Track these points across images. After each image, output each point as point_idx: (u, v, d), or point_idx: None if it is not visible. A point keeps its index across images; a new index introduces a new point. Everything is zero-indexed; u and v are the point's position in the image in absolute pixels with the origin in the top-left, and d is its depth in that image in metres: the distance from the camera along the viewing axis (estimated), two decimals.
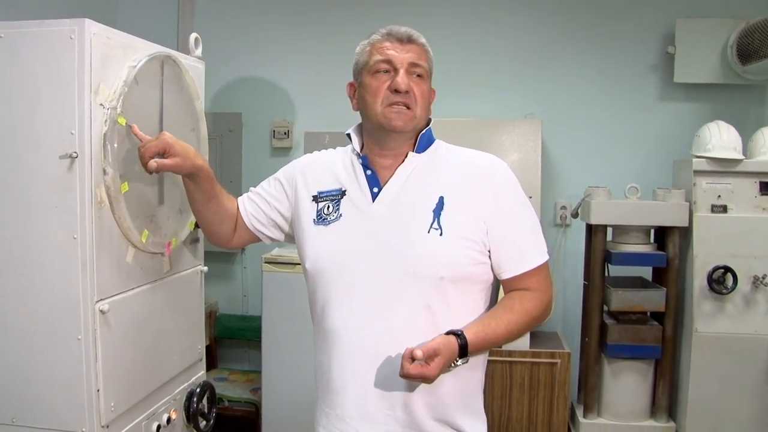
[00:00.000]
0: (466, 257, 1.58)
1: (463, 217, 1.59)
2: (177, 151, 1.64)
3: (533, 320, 1.63)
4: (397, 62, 1.61)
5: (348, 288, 1.60)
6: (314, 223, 1.68)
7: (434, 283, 1.56)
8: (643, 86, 3.72)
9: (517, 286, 1.64)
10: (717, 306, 3.13)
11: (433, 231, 1.57)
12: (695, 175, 3.20)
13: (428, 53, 1.66)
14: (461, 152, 1.72)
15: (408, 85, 1.59)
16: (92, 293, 1.76)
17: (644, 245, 3.28)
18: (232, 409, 3.60)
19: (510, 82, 3.80)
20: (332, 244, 1.64)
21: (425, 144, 1.69)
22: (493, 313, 1.61)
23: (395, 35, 1.64)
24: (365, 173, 1.68)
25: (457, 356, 1.51)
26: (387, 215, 1.61)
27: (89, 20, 1.71)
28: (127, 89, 1.81)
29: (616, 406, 3.30)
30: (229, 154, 3.96)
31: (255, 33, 3.99)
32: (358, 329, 1.58)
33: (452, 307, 1.58)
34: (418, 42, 1.64)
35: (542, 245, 1.66)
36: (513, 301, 1.62)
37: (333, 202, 1.68)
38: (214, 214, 1.79)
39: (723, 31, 3.46)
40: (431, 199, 1.60)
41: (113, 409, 1.83)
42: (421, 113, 1.62)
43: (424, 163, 1.67)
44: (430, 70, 1.66)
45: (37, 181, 1.74)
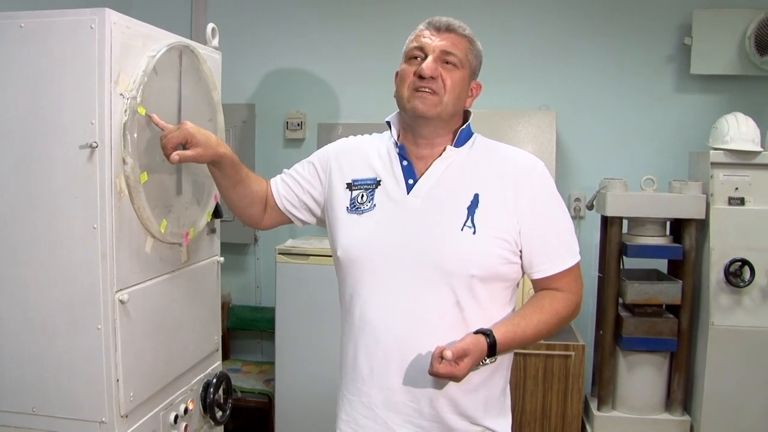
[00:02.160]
0: (498, 257, 1.57)
1: (497, 216, 1.58)
2: (199, 141, 1.64)
3: (562, 321, 1.63)
4: (428, 49, 1.60)
5: (378, 279, 1.61)
6: (347, 211, 1.68)
7: (464, 281, 1.56)
8: (659, 78, 3.69)
9: (548, 286, 1.64)
10: (734, 299, 3.11)
11: (467, 229, 1.56)
12: (712, 167, 3.17)
13: (470, 43, 1.64)
14: (499, 148, 1.71)
15: (434, 70, 1.58)
16: (112, 283, 1.76)
17: (660, 237, 3.26)
18: (246, 400, 3.61)
19: (525, 74, 3.78)
20: (365, 235, 1.63)
21: (464, 139, 1.68)
22: (523, 313, 1.60)
23: (434, 24, 1.64)
24: (401, 163, 1.67)
25: (485, 355, 1.52)
26: (421, 209, 1.61)
27: (109, 10, 1.71)
28: (146, 79, 1.81)
29: (631, 399, 3.29)
30: (242, 145, 3.96)
31: (269, 24, 3.98)
32: (387, 321, 1.59)
33: (481, 304, 1.58)
34: (458, 32, 1.63)
35: (575, 246, 1.66)
36: (543, 302, 1.62)
37: (367, 192, 1.67)
38: (241, 198, 1.79)
39: (741, 22, 3.41)
40: (466, 196, 1.60)
41: (132, 399, 1.84)
42: (449, 101, 1.60)
43: (462, 158, 1.65)
44: (468, 60, 1.64)
45: (57, 171, 1.74)
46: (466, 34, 1.65)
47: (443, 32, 1.62)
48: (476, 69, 1.68)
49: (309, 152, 4.02)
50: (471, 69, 1.65)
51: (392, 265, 1.59)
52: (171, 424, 2.04)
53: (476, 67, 1.68)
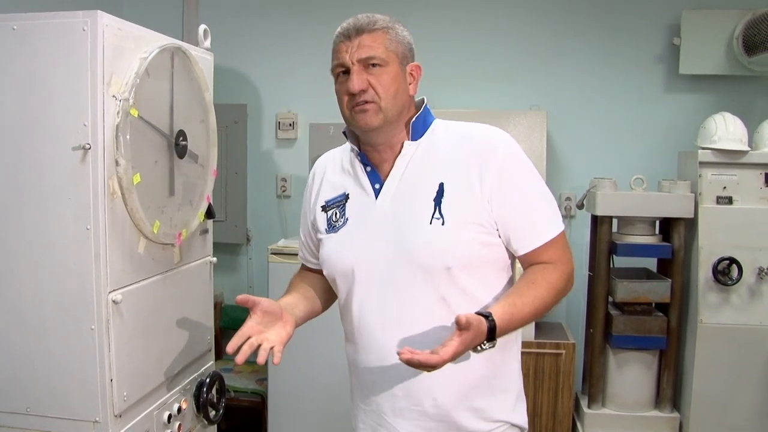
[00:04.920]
0: (473, 242, 1.53)
1: (464, 201, 1.53)
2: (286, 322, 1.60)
3: (558, 293, 1.55)
4: (346, 62, 1.55)
5: (363, 289, 1.59)
6: (326, 233, 1.67)
7: (443, 274, 1.52)
8: (648, 78, 3.72)
9: (535, 261, 1.57)
10: (722, 297, 3.15)
11: (435, 221, 1.53)
12: (701, 167, 3.20)
13: (386, 33, 1.56)
14: (459, 129, 1.64)
15: (362, 83, 1.52)
16: (105, 284, 1.77)
17: (649, 236, 3.29)
18: (239, 399, 3.62)
19: (516, 74, 3.80)
20: (341, 248, 1.63)
21: (420, 129, 1.62)
22: (517, 291, 1.53)
23: (344, 32, 1.58)
24: (366, 170, 1.64)
25: (485, 339, 1.41)
26: (391, 210, 1.58)
27: (101, 12, 1.72)
28: (138, 81, 1.82)
29: (621, 396, 3.32)
30: (234, 145, 3.97)
31: (259, 24, 4.00)
32: (378, 328, 1.58)
33: (469, 294, 1.54)
34: (370, 29, 1.55)
35: (554, 216, 1.58)
36: (535, 276, 1.54)
37: (339, 208, 1.66)
38: (321, 308, 1.81)
39: (729, 23, 3.45)
40: (431, 188, 1.55)
41: (126, 399, 1.85)
42: (388, 103, 1.54)
43: (423, 150, 1.60)
44: (392, 51, 1.55)
45: (50, 172, 1.75)
46: (377, 27, 1.56)
47: (355, 37, 1.55)
48: (406, 53, 1.59)
49: (301, 152, 4.08)
50: (399, 57, 1.57)
51: (373, 273, 1.58)
52: (164, 424, 2.05)
53: (405, 51, 1.59)
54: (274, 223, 4.06)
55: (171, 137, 2.01)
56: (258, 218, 4.09)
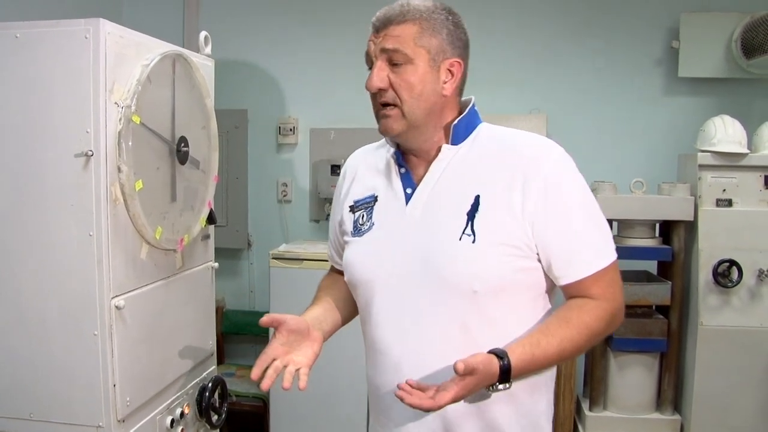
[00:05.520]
0: (506, 265, 1.36)
1: (501, 219, 1.36)
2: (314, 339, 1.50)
3: (594, 336, 1.37)
4: (372, 55, 1.41)
5: (382, 301, 1.46)
6: (351, 235, 1.54)
7: (468, 298, 1.36)
8: (647, 81, 3.73)
9: (577, 294, 1.39)
10: (722, 299, 3.15)
11: (465, 237, 1.36)
12: (700, 170, 3.21)
13: (422, 26, 1.39)
14: (506, 136, 1.47)
15: (382, 80, 1.38)
16: (108, 289, 1.78)
17: (649, 239, 3.30)
18: (240, 404, 3.62)
19: (516, 77, 3.81)
20: (364, 256, 1.49)
21: (463, 133, 1.45)
22: (546, 328, 1.35)
23: (374, 22, 1.42)
24: (399, 172, 1.49)
25: (497, 381, 1.28)
26: (421, 219, 1.43)
27: (103, 20, 1.73)
28: (140, 88, 1.83)
29: (622, 399, 3.32)
30: (234, 150, 3.98)
31: (260, 29, 4.01)
32: (394, 345, 1.44)
33: (495, 323, 1.37)
34: (399, 20, 1.38)
35: (604, 245, 1.40)
36: (570, 313, 1.37)
37: (366, 210, 1.52)
38: (351, 315, 1.67)
39: (727, 26, 3.45)
40: (466, 199, 1.39)
41: (129, 404, 1.86)
42: (413, 107, 1.39)
43: (462, 156, 1.44)
44: (423, 46, 1.38)
45: (53, 179, 1.76)
46: (408, 18, 1.38)
47: (381, 30, 1.39)
48: (444, 48, 1.41)
49: (301, 157, 4.08)
50: (432, 53, 1.39)
51: (394, 285, 1.43)
52: (167, 428, 2.07)
53: (442, 45, 1.40)
54: (275, 228, 4.07)
55: (173, 143, 2.02)
56: (259, 223, 4.10)
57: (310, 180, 3.98)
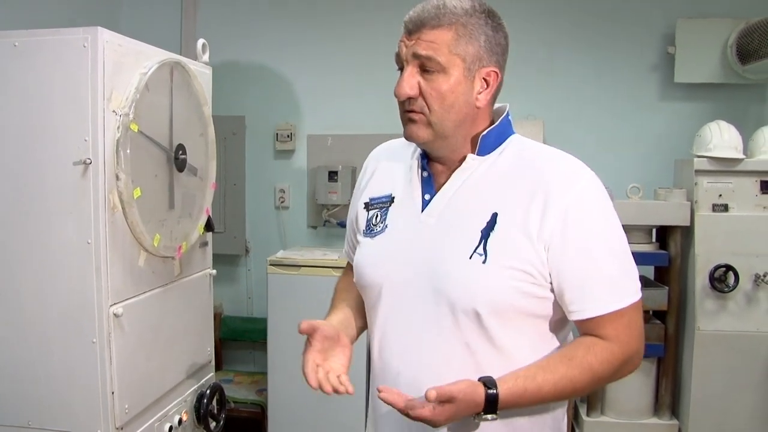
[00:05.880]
0: (515, 290, 1.28)
1: (516, 242, 1.27)
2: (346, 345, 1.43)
3: (597, 380, 1.28)
4: (403, 58, 1.32)
5: (388, 310, 1.40)
6: (363, 234, 1.47)
7: (471, 319, 1.29)
8: (644, 86, 3.74)
9: (590, 331, 1.30)
10: (719, 304, 3.15)
11: (476, 257, 1.28)
12: (696, 175, 3.22)
13: (458, 31, 1.29)
14: (533, 152, 1.39)
15: (412, 88, 1.30)
16: (106, 297, 1.79)
17: (646, 244, 3.31)
18: (238, 410, 3.62)
19: (512, 83, 3.73)
20: (373, 260, 1.43)
21: (492, 144, 1.37)
22: (546, 364, 1.28)
23: (407, 22, 1.32)
24: (421, 175, 1.41)
25: (481, 410, 1.22)
26: (434, 230, 1.35)
27: (102, 28, 1.75)
28: (138, 96, 1.85)
29: (620, 403, 3.33)
30: (232, 156, 3.98)
31: (258, 36, 4.02)
32: (395, 355, 1.39)
33: (499, 346, 1.30)
34: (435, 23, 1.28)
35: (626, 283, 1.31)
36: (577, 351, 1.29)
37: (381, 211, 1.45)
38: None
39: (723, 31, 3.47)
40: (482, 215, 1.31)
41: (127, 411, 1.86)
42: (440, 117, 1.31)
43: (485, 168, 1.36)
44: (458, 54, 1.29)
45: (52, 187, 1.78)
46: (443, 22, 1.28)
47: (414, 32, 1.30)
48: (481, 55, 1.31)
49: (299, 164, 4.09)
50: (467, 61, 1.30)
51: (399, 295, 1.37)
52: None
53: (479, 53, 1.31)
54: (272, 234, 4.07)
55: (171, 151, 2.03)
56: (256, 229, 4.10)
57: (308, 186, 3.98)
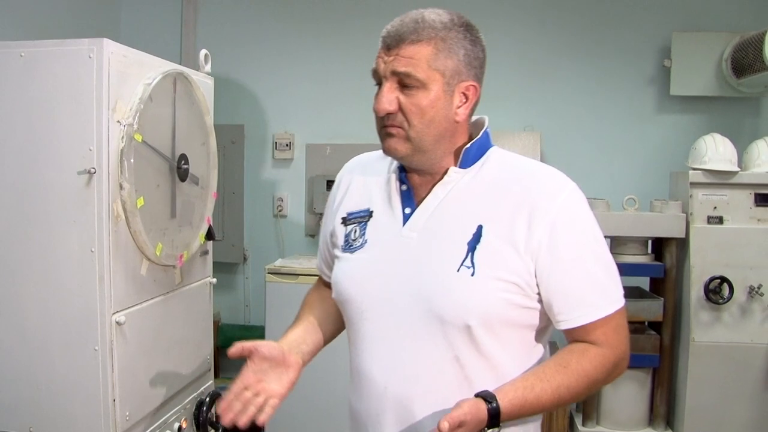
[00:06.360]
0: (504, 302, 1.29)
1: (503, 253, 1.28)
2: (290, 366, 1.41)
3: (592, 384, 1.30)
4: (381, 74, 1.32)
5: (370, 326, 1.38)
6: (342, 250, 1.45)
7: (461, 332, 1.29)
8: (640, 99, 3.78)
9: (579, 338, 1.32)
10: (714, 315, 3.18)
11: (464, 269, 1.28)
12: (692, 187, 3.25)
13: (437, 46, 1.29)
14: (516, 164, 1.39)
15: (390, 103, 1.30)
16: (109, 305, 1.80)
17: (642, 256, 3.34)
18: None
19: (509, 95, 3.84)
20: (354, 276, 1.41)
21: (473, 157, 1.37)
22: (542, 373, 1.28)
23: (384, 37, 1.32)
24: (400, 189, 1.41)
25: (485, 425, 1.21)
26: (417, 244, 1.34)
27: (107, 40, 1.76)
28: (142, 106, 1.86)
29: (615, 414, 3.35)
30: (231, 165, 4.00)
31: (257, 45, 4.04)
32: (379, 374, 1.36)
33: (488, 357, 1.31)
34: (414, 38, 1.28)
35: (612, 289, 1.33)
36: (570, 358, 1.30)
37: (360, 225, 1.43)
38: (335, 332, 1.59)
39: (718, 45, 3.52)
40: (467, 228, 1.31)
41: (128, 419, 1.88)
42: (419, 133, 1.30)
43: (468, 181, 1.36)
44: (437, 69, 1.29)
45: (56, 195, 1.79)
46: (423, 37, 1.28)
47: (394, 48, 1.29)
48: (460, 70, 1.32)
49: (297, 172, 4.11)
50: (447, 76, 1.30)
51: (384, 311, 1.35)
52: None
53: (458, 67, 1.32)
54: (270, 243, 4.09)
55: (173, 161, 2.05)
56: (255, 238, 4.12)
57: (306, 195, 4.01)
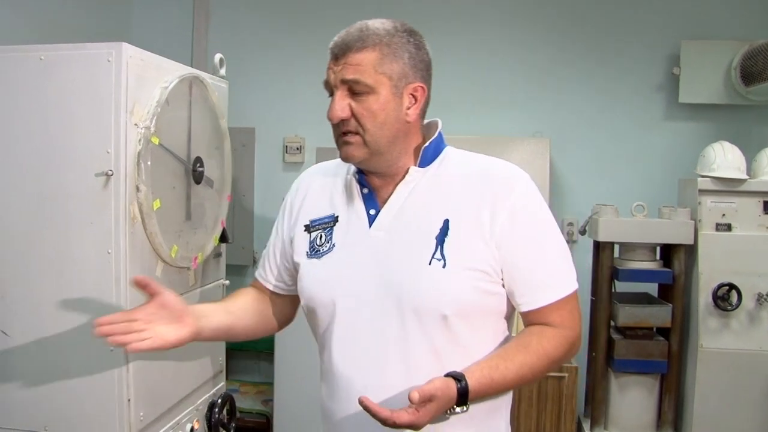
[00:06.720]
0: (475, 290, 1.36)
1: (470, 244, 1.36)
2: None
3: (552, 363, 1.38)
4: (332, 84, 1.39)
5: (343, 326, 1.42)
6: (307, 257, 1.49)
7: (438, 323, 1.35)
8: (648, 106, 3.79)
9: (538, 321, 1.40)
10: (722, 322, 3.19)
11: (435, 262, 1.35)
12: (700, 194, 3.26)
13: (382, 51, 1.36)
14: (474, 161, 1.48)
15: (343, 110, 1.36)
16: (125, 306, 1.82)
17: (650, 262, 3.34)
18: (244, 420, 3.65)
19: (518, 101, 3.87)
20: (325, 279, 1.45)
21: (431, 156, 1.45)
22: (505, 353, 1.36)
23: (332, 48, 1.40)
24: (361, 192, 1.47)
25: (454, 403, 1.27)
26: (386, 242, 1.40)
27: (126, 44, 1.79)
28: (159, 109, 1.89)
29: (623, 419, 3.35)
30: (242, 168, 4.02)
31: (268, 49, 4.06)
32: (356, 372, 1.40)
33: (464, 346, 1.37)
34: (359, 46, 1.36)
35: (567, 274, 1.42)
36: (530, 339, 1.38)
37: (325, 231, 1.48)
38: (248, 331, 1.62)
39: (727, 53, 3.52)
40: (434, 223, 1.38)
41: (142, 419, 1.89)
42: (374, 136, 1.37)
43: (429, 178, 1.43)
44: (384, 73, 1.36)
45: (74, 197, 1.81)
46: (368, 44, 1.35)
47: (341, 57, 1.37)
48: (406, 72, 1.38)
49: None
50: (394, 80, 1.37)
51: (357, 312, 1.40)
52: None
53: (404, 70, 1.38)
54: None
55: (189, 163, 2.07)
56: (264, 240, 4.02)
57: None
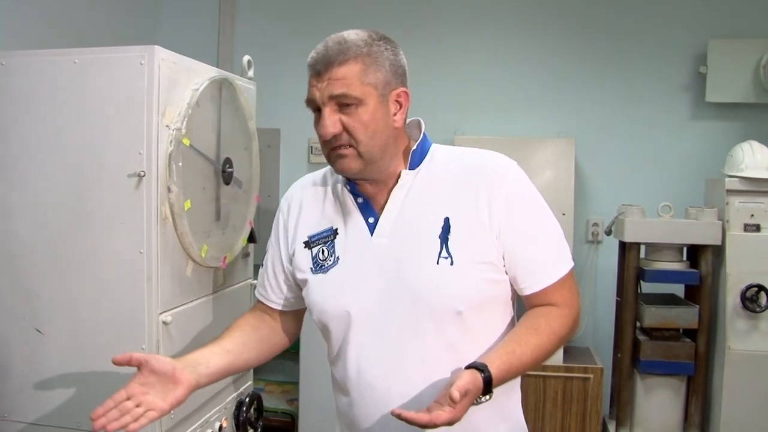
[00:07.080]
0: (484, 281, 1.40)
1: (473, 238, 1.39)
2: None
3: (560, 340, 1.44)
4: (318, 101, 1.39)
5: (360, 333, 1.44)
6: (312, 273, 1.50)
7: (453, 319, 1.39)
8: (675, 106, 3.76)
9: (541, 302, 1.44)
10: (750, 324, 3.16)
11: (443, 260, 1.38)
12: (728, 195, 3.23)
13: (364, 62, 1.37)
14: (461, 156, 1.49)
15: (334, 125, 1.36)
16: (156, 305, 1.85)
17: (677, 263, 3.31)
18: (269, 419, 3.67)
19: (543, 101, 3.85)
20: (335, 292, 1.47)
21: (419, 158, 1.47)
22: (518, 338, 1.39)
23: (313, 64, 1.41)
24: (356, 202, 1.48)
25: (480, 393, 1.29)
26: (390, 248, 1.43)
27: (158, 47, 1.81)
28: (190, 111, 1.91)
29: (649, 421, 3.33)
30: (267, 169, 4.00)
31: (293, 51, 4.07)
32: (377, 376, 1.42)
33: (478, 338, 1.42)
34: (341, 60, 1.36)
35: (564, 254, 1.46)
36: (539, 321, 1.42)
37: (326, 245, 1.49)
38: (250, 363, 1.65)
39: (755, 52, 3.50)
40: (435, 222, 1.40)
41: (172, 417, 1.91)
42: (367, 146, 1.38)
43: (422, 179, 1.45)
44: (369, 83, 1.37)
45: (107, 198, 1.84)
46: (349, 57, 1.36)
47: (324, 72, 1.37)
48: (389, 80, 1.40)
49: None
50: (379, 89, 1.38)
51: (373, 317, 1.42)
52: None
53: (387, 78, 1.39)
54: None
55: (218, 164, 2.09)
56: None
57: None
